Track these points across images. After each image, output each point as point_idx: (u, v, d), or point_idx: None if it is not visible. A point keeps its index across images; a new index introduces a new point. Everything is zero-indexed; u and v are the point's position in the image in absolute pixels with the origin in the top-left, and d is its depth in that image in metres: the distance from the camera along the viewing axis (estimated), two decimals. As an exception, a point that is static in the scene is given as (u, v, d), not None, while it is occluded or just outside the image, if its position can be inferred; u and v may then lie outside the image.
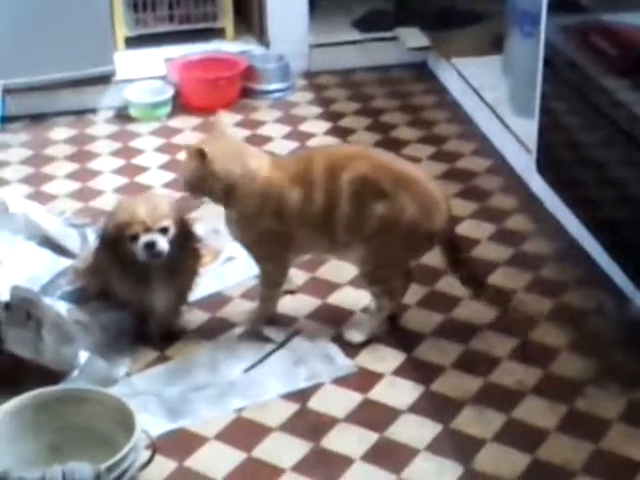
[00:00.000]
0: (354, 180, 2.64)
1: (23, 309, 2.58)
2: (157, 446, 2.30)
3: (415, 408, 2.56)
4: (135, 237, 2.65)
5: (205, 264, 2.99)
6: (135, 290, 2.75)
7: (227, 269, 3.08)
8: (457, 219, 3.16)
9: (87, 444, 2.31)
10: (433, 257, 2.82)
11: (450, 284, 2.95)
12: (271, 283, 2.81)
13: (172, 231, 2.69)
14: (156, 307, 2.77)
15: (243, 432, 2.51)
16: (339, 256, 2.82)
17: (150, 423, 2.42)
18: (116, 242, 2.69)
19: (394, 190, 2.65)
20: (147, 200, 2.77)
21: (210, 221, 3.25)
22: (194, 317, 2.90)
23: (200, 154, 2.62)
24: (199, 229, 2.94)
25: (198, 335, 2.83)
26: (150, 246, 2.65)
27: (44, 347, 2.55)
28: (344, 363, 2.71)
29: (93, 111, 4.08)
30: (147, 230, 2.65)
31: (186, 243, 2.76)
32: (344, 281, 3.01)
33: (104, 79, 4.07)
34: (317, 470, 2.40)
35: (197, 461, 2.42)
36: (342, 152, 2.81)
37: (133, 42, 4.33)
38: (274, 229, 2.70)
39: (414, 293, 2.92)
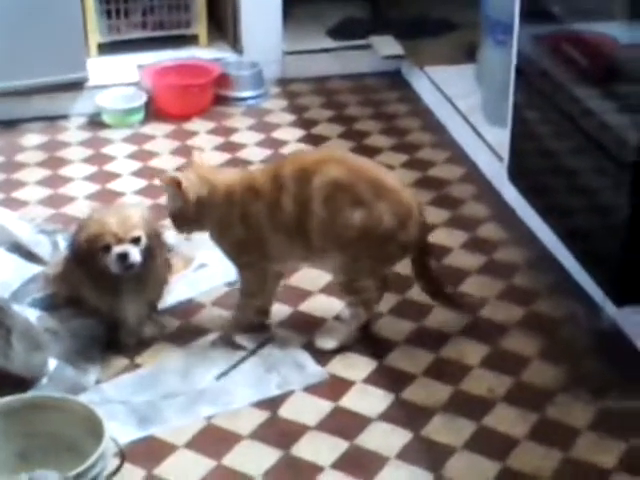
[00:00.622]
0: (326, 184, 2.64)
1: (-8, 316, 2.56)
2: (126, 454, 2.29)
3: (386, 416, 2.56)
4: (107, 248, 2.64)
5: (177, 271, 2.98)
6: (105, 299, 2.73)
7: (199, 276, 3.07)
8: (430, 227, 3.17)
9: (55, 452, 2.30)
10: (405, 265, 2.82)
11: (421, 292, 2.95)
12: (249, 292, 2.81)
13: (143, 241, 2.68)
14: (126, 316, 2.75)
15: (213, 440, 2.50)
16: (316, 264, 2.81)
17: (119, 431, 2.41)
18: (87, 255, 2.67)
19: (371, 198, 2.64)
20: (117, 211, 2.76)
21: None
22: (165, 324, 2.88)
23: (175, 183, 2.68)
24: (171, 236, 2.94)
25: (169, 342, 2.82)
26: (123, 257, 2.64)
27: (13, 354, 2.53)
28: (315, 371, 2.70)
29: (65, 117, 4.06)
30: (119, 241, 2.64)
31: (156, 252, 2.75)
32: (316, 289, 3.00)
33: (77, 85, 4.06)
34: (287, 478, 2.39)
35: (166, 469, 2.41)
36: (315, 156, 2.79)
37: (106, 48, 4.31)
38: (245, 237, 2.71)
39: (386, 301, 2.91)
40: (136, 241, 2.66)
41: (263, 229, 2.69)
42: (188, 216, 2.72)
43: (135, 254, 2.65)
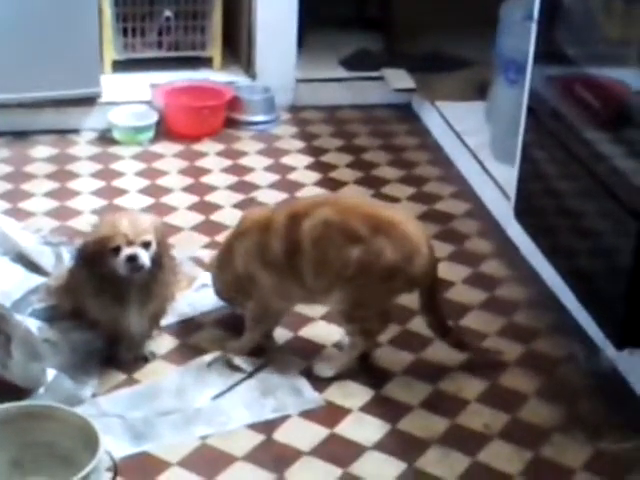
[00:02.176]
0: (316, 225, 2.67)
1: (-7, 324, 2.56)
2: (119, 468, 2.28)
3: (381, 445, 2.55)
4: (117, 250, 2.64)
5: (180, 290, 2.99)
6: (109, 311, 2.73)
7: (201, 296, 3.07)
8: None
9: (49, 461, 2.29)
10: (407, 296, 2.82)
11: (423, 324, 2.95)
12: (255, 317, 2.84)
13: (153, 246, 2.69)
14: (130, 329, 2.75)
15: (207, 460, 2.49)
16: (320, 303, 2.84)
17: (113, 445, 2.41)
18: (96, 257, 2.66)
19: (369, 234, 2.65)
20: (129, 215, 2.77)
21: (186, 248, 3.26)
22: (164, 342, 2.88)
23: None
24: (175, 255, 2.94)
25: (167, 360, 2.82)
26: (132, 259, 2.63)
27: (12, 363, 2.53)
28: (312, 397, 2.70)
29: (76, 131, 4.08)
30: (129, 243, 2.64)
31: (164, 262, 2.75)
32: (317, 315, 3.00)
33: (89, 100, 4.08)
34: (279, 502, 2.39)
35: (159, 486, 2.41)
36: (309, 201, 2.88)
37: (120, 66, 4.34)
38: (239, 273, 2.80)
39: (386, 332, 2.92)
40: (146, 245, 2.66)
41: (253, 268, 2.76)
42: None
43: (144, 257, 2.64)
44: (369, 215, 2.70)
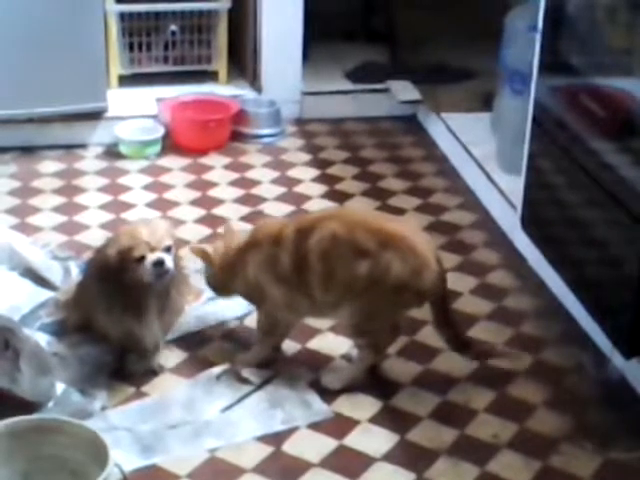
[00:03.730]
0: (323, 239, 2.67)
1: (2, 338, 2.57)
2: (129, 481, 2.29)
3: (389, 457, 2.55)
4: (141, 259, 2.65)
5: (188, 303, 2.99)
6: (121, 324, 2.74)
7: (209, 309, 3.08)
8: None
9: (58, 475, 2.30)
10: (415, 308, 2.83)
11: (431, 335, 2.95)
12: (264, 330, 2.85)
13: (173, 250, 2.72)
14: (144, 340, 2.75)
15: (216, 472, 2.50)
16: (329, 317, 2.85)
17: (123, 458, 2.41)
18: (118, 270, 2.67)
19: (377, 248, 2.65)
20: (146, 223, 2.79)
21: (194, 261, 3.26)
22: (173, 355, 2.89)
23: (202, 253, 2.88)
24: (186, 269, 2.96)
25: (176, 373, 2.83)
26: (159, 264, 2.65)
27: (21, 377, 2.54)
28: (320, 408, 2.70)
29: (83, 146, 4.09)
30: (152, 250, 2.66)
31: (179, 266, 2.79)
32: (325, 327, 3.01)
33: (96, 115, 4.10)
34: (289, 514, 2.39)
35: (168, 499, 2.41)
36: (316, 215, 2.88)
37: (126, 80, 4.36)
38: (250, 283, 2.81)
39: (394, 343, 2.92)
40: (168, 250, 2.70)
41: (263, 280, 2.77)
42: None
43: (169, 261, 2.67)
44: (376, 229, 2.69)
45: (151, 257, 2.65)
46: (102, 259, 2.72)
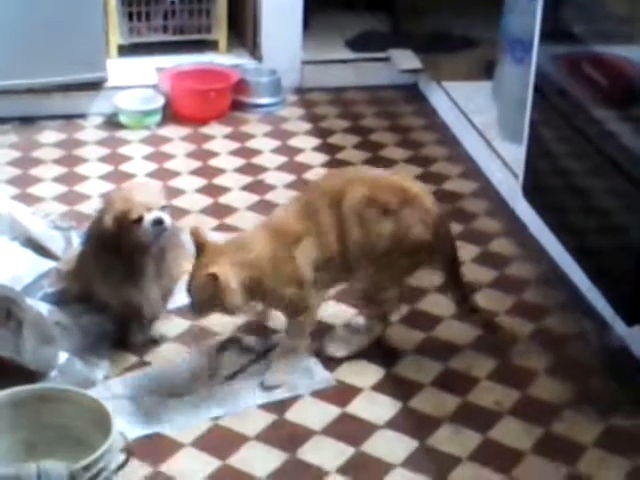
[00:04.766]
0: (356, 205, 2.63)
1: (4, 308, 2.56)
2: (133, 449, 2.29)
3: (392, 424, 2.56)
4: (139, 220, 2.65)
5: (184, 269, 2.98)
6: (120, 292, 2.74)
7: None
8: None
9: (62, 444, 2.30)
10: (417, 275, 2.83)
11: (433, 303, 2.97)
12: (306, 325, 2.73)
13: (169, 209, 2.71)
14: (142, 308, 2.75)
15: (219, 440, 2.50)
16: (347, 281, 2.80)
17: (126, 427, 2.42)
18: (116, 235, 2.66)
19: (398, 206, 2.65)
20: (138, 186, 2.81)
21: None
22: (175, 324, 2.89)
23: (213, 278, 2.51)
24: (183, 238, 2.95)
25: (178, 342, 2.83)
26: (158, 222, 2.65)
27: (23, 347, 2.54)
28: (323, 376, 2.71)
29: (83, 116, 4.08)
30: (149, 210, 2.65)
31: (173, 240, 2.77)
32: (327, 295, 3.00)
33: (95, 85, 4.08)
34: (292, 481, 2.40)
35: (172, 467, 2.42)
36: (339, 181, 2.73)
37: (126, 50, 4.34)
38: (304, 280, 2.65)
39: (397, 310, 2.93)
40: (164, 209, 2.69)
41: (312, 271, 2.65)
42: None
43: (167, 218, 2.66)
44: (396, 187, 2.69)
45: (149, 216, 2.64)
46: (99, 228, 2.72)
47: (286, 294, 2.62)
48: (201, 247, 2.58)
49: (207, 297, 2.54)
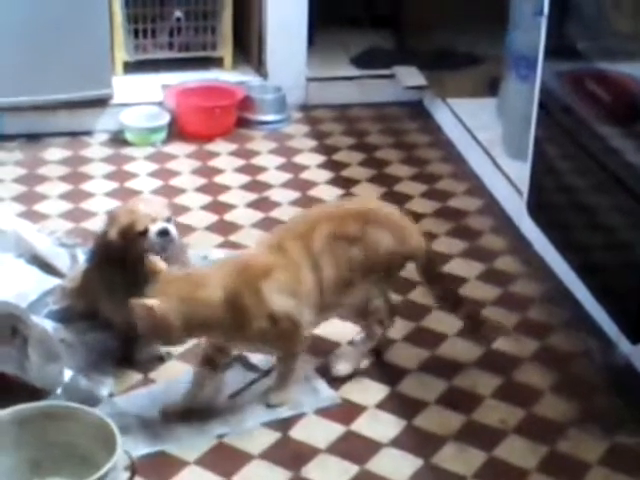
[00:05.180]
0: (325, 241, 2.61)
1: (10, 325, 2.57)
2: (137, 467, 2.29)
3: (397, 442, 2.56)
4: (145, 232, 2.66)
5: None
6: (126, 308, 2.73)
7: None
8: (446, 256, 3.21)
9: (67, 461, 2.31)
10: (420, 293, 2.83)
11: (437, 320, 2.96)
12: (293, 358, 2.68)
13: (173, 220, 2.73)
14: None
15: (224, 458, 2.50)
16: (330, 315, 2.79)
17: (131, 444, 2.41)
18: (121, 248, 2.67)
19: (362, 231, 2.65)
20: (141, 200, 2.84)
21: (200, 248, 3.27)
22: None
23: (150, 310, 2.44)
24: (189, 255, 2.95)
25: (182, 360, 2.83)
26: (164, 233, 2.67)
27: (29, 364, 2.54)
28: (328, 394, 2.71)
29: (89, 133, 4.10)
30: (154, 221, 2.67)
31: (178, 257, 2.78)
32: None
33: (101, 102, 4.09)
34: (296, 499, 2.40)
35: (176, 485, 2.42)
36: (304, 221, 2.72)
37: (132, 67, 4.35)
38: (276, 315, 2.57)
39: (401, 328, 2.93)
40: (169, 220, 2.71)
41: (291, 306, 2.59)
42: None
43: (173, 229, 2.68)
44: (355, 214, 2.70)
45: (154, 228, 2.66)
46: (104, 242, 2.72)
47: (254, 330, 2.54)
48: (155, 276, 2.50)
49: (145, 328, 2.48)
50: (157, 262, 2.52)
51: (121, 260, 2.68)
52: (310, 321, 2.64)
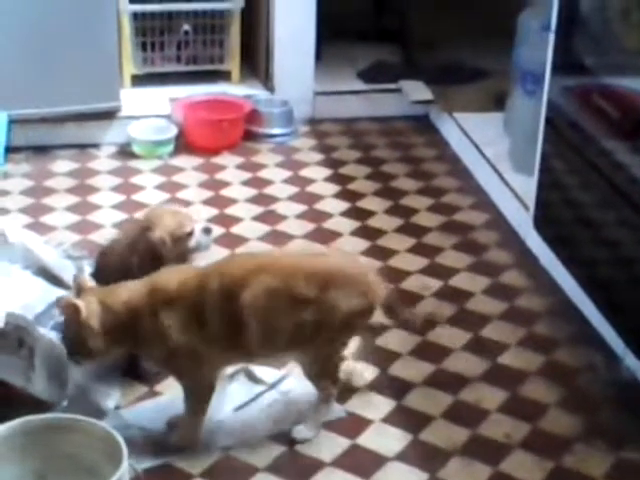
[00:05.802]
0: (257, 297, 2.44)
1: (16, 336, 2.58)
2: (143, 480, 2.30)
3: (402, 456, 2.56)
4: (192, 231, 2.79)
5: None
6: None
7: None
8: (452, 270, 3.21)
9: (72, 473, 2.31)
10: (424, 308, 2.83)
11: (443, 335, 2.96)
12: (196, 398, 2.58)
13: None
14: None
15: (229, 471, 2.50)
16: (273, 364, 2.70)
17: (136, 457, 2.41)
18: (168, 250, 2.73)
19: (317, 292, 2.46)
20: (169, 209, 2.96)
21: (206, 261, 3.27)
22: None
23: (74, 309, 2.47)
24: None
25: (189, 372, 2.83)
26: (207, 230, 2.83)
27: (35, 376, 2.55)
28: (334, 408, 2.70)
29: (96, 146, 4.11)
30: (195, 222, 2.84)
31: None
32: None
33: (109, 115, 4.11)
34: (301, 513, 2.40)
35: (182, 497, 2.43)
36: (241, 268, 2.52)
37: (140, 80, 4.37)
38: (175, 347, 2.49)
39: (406, 343, 2.93)
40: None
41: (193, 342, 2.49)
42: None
43: (212, 226, 2.92)
44: (311, 273, 2.50)
45: (199, 226, 2.82)
46: (148, 247, 2.73)
47: (154, 354, 2.54)
48: (81, 290, 2.53)
49: (70, 333, 2.49)
50: (85, 279, 2.61)
51: (159, 263, 2.68)
52: (221, 362, 2.56)
